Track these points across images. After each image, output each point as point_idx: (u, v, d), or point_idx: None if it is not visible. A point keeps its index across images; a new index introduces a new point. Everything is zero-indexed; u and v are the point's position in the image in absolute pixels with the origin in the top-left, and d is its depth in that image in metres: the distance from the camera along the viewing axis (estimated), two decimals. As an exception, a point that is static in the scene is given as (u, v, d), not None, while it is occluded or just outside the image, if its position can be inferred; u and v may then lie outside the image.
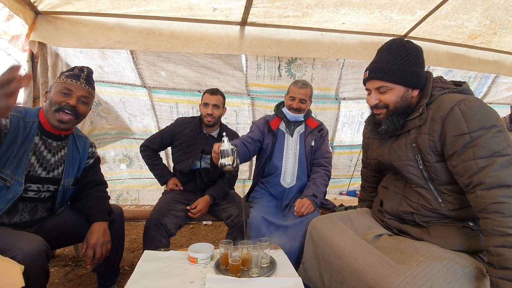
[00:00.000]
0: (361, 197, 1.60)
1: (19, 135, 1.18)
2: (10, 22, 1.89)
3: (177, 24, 2.18)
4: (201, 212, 1.73)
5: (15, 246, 0.99)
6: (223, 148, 1.23)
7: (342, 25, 2.33)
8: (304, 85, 1.78)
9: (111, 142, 2.79)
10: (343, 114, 3.00)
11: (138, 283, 1.03)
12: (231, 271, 1.11)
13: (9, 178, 1.15)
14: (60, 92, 1.24)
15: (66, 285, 1.81)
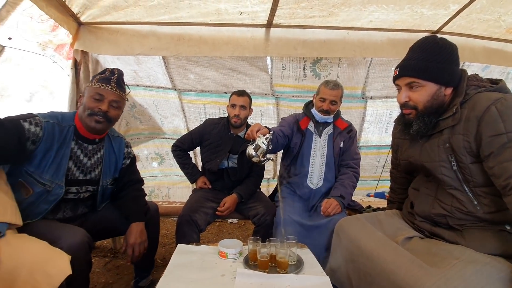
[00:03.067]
0: (390, 198, 1.57)
1: (55, 141, 1.22)
2: (55, 32, 2.07)
3: (206, 29, 2.26)
4: (229, 209, 1.79)
5: (62, 238, 1.09)
6: (260, 144, 1.26)
7: (370, 23, 2.28)
8: (336, 86, 1.75)
9: (144, 142, 2.97)
10: (370, 114, 2.92)
11: (173, 274, 1.11)
12: (259, 266, 1.15)
13: (49, 183, 1.21)
14: (92, 97, 1.26)
15: (105, 275, 1.97)
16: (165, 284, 1.03)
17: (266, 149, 1.28)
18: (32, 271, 0.90)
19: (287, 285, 1.05)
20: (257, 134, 1.32)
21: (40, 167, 1.20)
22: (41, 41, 1.97)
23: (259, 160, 1.29)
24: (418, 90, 1.07)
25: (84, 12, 2.02)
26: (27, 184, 1.19)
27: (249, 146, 1.31)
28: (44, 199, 1.22)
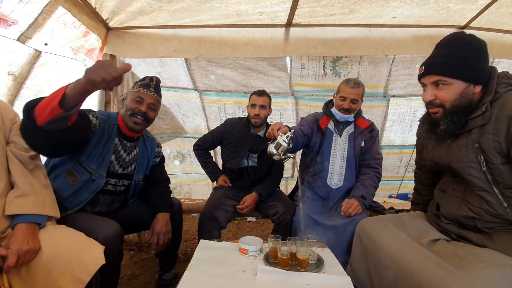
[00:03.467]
0: (414, 200, 1.53)
1: (104, 135, 1.37)
2: (86, 38, 2.19)
3: (226, 30, 2.31)
4: (249, 208, 1.82)
5: (97, 230, 1.17)
6: (281, 142, 1.28)
7: (393, 19, 2.22)
8: (357, 84, 1.71)
9: (167, 141, 3.08)
10: (392, 112, 2.84)
11: (197, 268, 1.15)
12: (280, 264, 1.17)
13: (94, 172, 1.34)
14: (134, 100, 1.42)
15: (132, 267, 2.07)
16: (189, 278, 1.07)
17: (287, 147, 1.30)
18: (69, 260, 0.98)
19: (308, 283, 1.06)
20: (277, 132, 1.34)
21: (90, 157, 1.33)
22: (73, 46, 2.10)
23: (280, 158, 1.31)
24: (445, 88, 1.04)
25: (113, 17, 2.14)
26: (75, 171, 1.32)
27: (270, 145, 1.34)
28: (88, 188, 1.33)
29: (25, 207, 1.01)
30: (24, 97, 1.91)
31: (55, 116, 0.97)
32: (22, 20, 1.63)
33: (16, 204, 1.00)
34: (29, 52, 1.81)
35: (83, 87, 0.92)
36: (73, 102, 0.96)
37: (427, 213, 1.33)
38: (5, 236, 0.99)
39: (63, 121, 1.03)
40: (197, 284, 1.04)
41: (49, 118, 0.97)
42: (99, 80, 0.88)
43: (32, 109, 0.99)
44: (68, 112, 0.98)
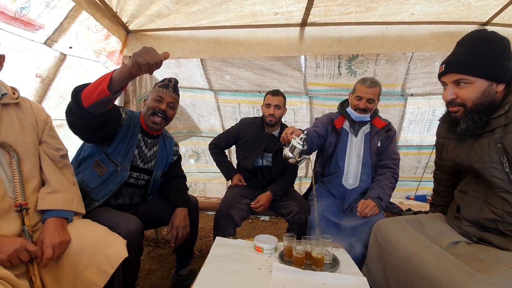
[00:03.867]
0: (433, 201, 1.49)
1: (129, 131, 1.47)
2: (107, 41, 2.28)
3: (241, 31, 2.34)
4: (263, 206, 1.84)
5: (119, 225, 1.23)
6: (295, 145, 1.30)
7: (411, 16, 2.17)
8: (373, 83, 1.68)
9: (183, 140, 3.15)
10: (410, 112, 2.77)
11: (213, 264, 1.18)
12: (295, 262, 1.18)
13: (119, 165, 1.43)
14: (154, 99, 1.50)
15: (149, 262, 2.14)
16: (206, 273, 1.10)
17: (301, 149, 1.31)
18: (95, 252, 1.03)
19: (323, 282, 1.06)
20: (291, 136, 1.35)
21: (116, 149, 1.43)
22: (96, 49, 2.19)
23: (295, 160, 1.32)
24: (466, 87, 1.01)
25: (132, 21, 2.21)
26: (103, 163, 1.41)
27: (285, 149, 1.35)
28: (113, 179, 1.42)
29: (55, 203, 1.08)
30: (51, 98, 2.02)
31: (102, 98, 1.08)
32: (48, 24, 1.72)
33: (47, 200, 1.07)
34: (55, 55, 1.91)
35: (129, 70, 1.02)
36: (119, 85, 1.07)
37: (447, 215, 1.30)
38: (37, 229, 1.06)
39: (106, 104, 1.15)
40: (214, 279, 1.06)
41: (96, 100, 1.08)
42: (144, 63, 0.97)
43: (80, 93, 1.11)
44: (113, 95, 1.09)
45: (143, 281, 1.85)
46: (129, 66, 1.01)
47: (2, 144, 1.01)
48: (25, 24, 1.58)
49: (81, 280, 1.00)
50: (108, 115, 1.24)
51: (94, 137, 1.35)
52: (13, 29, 1.55)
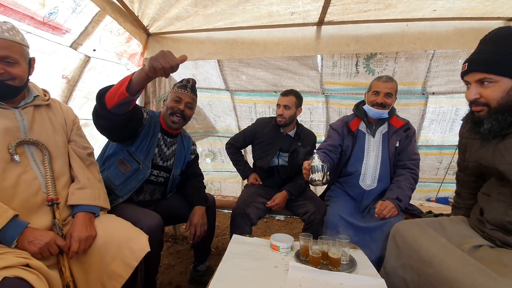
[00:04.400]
0: (455, 204, 1.45)
1: (150, 130, 1.53)
2: (129, 43, 2.38)
3: (257, 31, 2.35)
4: (279, 206, 1.85)
5: (142, 220, 1.28)
6: (314, 164, 1.33)
7: (433, 12, 2.10)
8: (389, 79, 1.69)
9: (199, 140, 3.21)
10: (431, 111, 2.68)
11: (231, 261, 1.21)
12: (311, 262, 1.18)
13: (142, 163, 1.49)
14: (173, 99, 1.56)
15: (168, 257, 2.21)
16: (224, 269, 1.13)
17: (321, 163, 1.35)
18: (120, 246, 1.09)
19: (340, 282, 1.06)
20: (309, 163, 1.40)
21: (138, 148, 1.50)
22: (118, 52, 2.28)
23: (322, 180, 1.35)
24: (490, 86, 0.98)
25: (153, 24, 2.29)
26: (126, 161, 1.49)
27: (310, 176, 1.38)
28: (136, 176, 1.49)
29: (84, 198, 1.15)
30: (76, 98, 2.13)
31: (122, 100, 1.14)
32: (74, 28, 1.82)
33: (77, 196, 1.14)
34: (80, 58, 2.01)
35: (146, 73, 1.07)
36: (137, 87, 1.12)
37: (470, 218, 1.25)
38: (67, 223, 1.12)
39: (127, 105, 1.20)
40: (232, 275, 1.09)
41: (117, 101, 1.14)
42: (160, 67, 1.02)
43: (104, 95, 1.17)
44: (132, 96, 1.14)
45: (162, 276, 1.92)
46: (146, 70, 1.06)
47: (35, 143, 1.08)
48: (53, 29, 1.68)
49: (107, 272, 1.06)
50: (131, 115, 1.29)
51: (119, 136, 1.41)
52: (42, 33, 1.66)
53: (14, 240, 0.93)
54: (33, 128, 1.09)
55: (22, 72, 1.04)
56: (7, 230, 0.91)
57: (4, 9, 1.37)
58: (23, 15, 1.47)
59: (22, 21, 1.49)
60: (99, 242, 1.10)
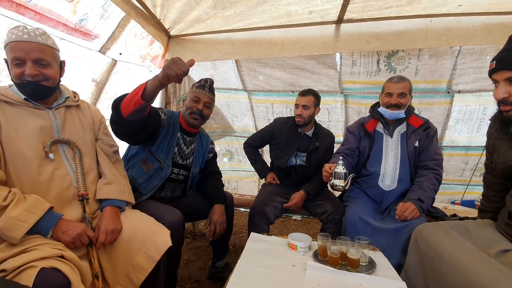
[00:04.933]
0: (482, 207, 1.39)
1: (170, 130, 1.59)
2: (151, 46, 2.47)
3: (275, 31, 2.37)
4: (297, 205, 1.85)
5: (164, 216, 1.34)
6: (338, 171, 1.37)
7: (459, 8, 2.02)
8: (401, 79, 1.67)
9: (217, 139, 3.27)
10: (457, 110, 2.57)
11: (249, 258, 1.23)
12: (330, 262, 1.18)
13: (162, 161, 1.55)
14: (192, 99, 1.61)
15: (187, 253, 2.27)
16: (243, 266, 1.16)
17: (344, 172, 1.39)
18: (144, 240, 1.14)
19: (359, 283, 1.05)
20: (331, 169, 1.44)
21: (159, 148, 1.55)
22: (141, 54, 2.38)
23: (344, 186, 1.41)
24: (521, 84, 0.93)
25: (174, 27, 2.36)
26: (148, 160, 1.55)
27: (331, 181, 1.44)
28: (158, 175, 1.55)
29: (111, 193, 1.22)
30: (104, 100, 2.24)
31: (137, 108, 1.19)
32: (102, 34, 1.92)
33: (104, 191, 1.21)
34: (107, 62, 2.12)
35: (160, 81, 1.12)
36: (151, 95, 1.17)
37: (497, 221, 1.20)
38: (95, 216, 1.20)
39: (142, 112, 1.25)
40: (250, 272, 1.11)
41: (132, 110, 1.19)
42: (173, 75, 1.08)
43: (119, 104, 1.22)
44: (147, 103, 1.19)
45: (182, 270, 1.98)
46: (160, 77, 1.11)
47: (67, 141, 1.16)
48: (83, 34, 1.78)
49: (132, 264, 1.12)
50: (146, 120, 1.33)
51: (137, 141, 1.47)
52: (74, 39, 1.76)
53: (50, 230, 1.01)
54: (65, 127, 1.17)
55: (55, 74, 1.12)
56: (43, 221, 0.99)
57: (40, 17, 1.47)
58: (57, 22, 1.57)
59: (56, 28, 1.59)
60: (125, 236, 1.16)
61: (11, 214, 0.92)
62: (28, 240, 0.95)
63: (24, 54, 1.03)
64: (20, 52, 1.03)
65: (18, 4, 1.36)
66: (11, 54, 1.04)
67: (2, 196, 0.94)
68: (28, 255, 0.89)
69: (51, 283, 0.83)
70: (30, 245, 0.93)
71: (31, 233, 0.97)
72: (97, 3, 1.72)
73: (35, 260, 0.87)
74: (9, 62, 1.07)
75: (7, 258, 0.89)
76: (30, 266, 0.85)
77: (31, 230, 0.96)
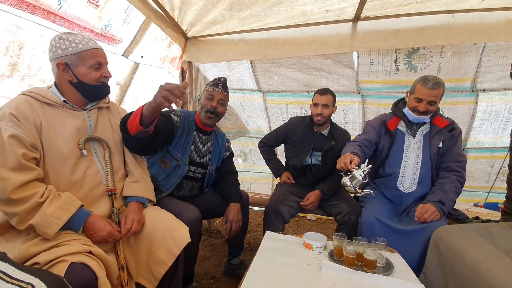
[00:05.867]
0: (506, 209, 1.33)
1: (185, 129, 1.63)
2: (170, 48, 2.54)
3: (290, 31, 2.37)
4: (313, 204, 1.84)
5: (183, 213, 1.38)
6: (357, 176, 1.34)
7: (481, 3, 1.94)
8: (436, 85, 1.52)
9: (232, 140, 3.30)
10: (482, 109, 2.46)
11: (265, 255, 1.25)
12: (346, 262, 1.18)
13: (179, 160, 1.60)
14: (207, 97, 1.65)
15: (204, 250, 2.32)
16: (259, 263, 1.18)
17: (362, 181, 1.34)
18: (164, 235, 1.19)
19: (376, 285, 1.04)
20: (352, 165, 1.38)
21: (176, 147, 1.60)
22: (161, 56, 2.45)
23: (354, 191, 1.36)
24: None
25: (191, 28, 2.42)
26: (166, 159, 1.61)
27: (344, 177, 1.39)
28: (175, 173, 1.60)
29: (137, 191, 1.28)
30: (127, 102, 2.33)
31: (138, 132, 1.20)
32: (125, 38, 2.00)
33: (131, 188, 1.28)
34: (130, 65, 2.21)
35: (153, 107, 1.14)
36: (148, 120, 1.19)
37: (524, 225, 1.15)
38: (121, 211, 1.26)
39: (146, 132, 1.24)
40: (266, 269, 1.13)
41: (135, 132, 1.21)
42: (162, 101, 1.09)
43: (125, 123, 1.23)
44: (146, 128, 1.21)
45: (198, 266, 2.03)
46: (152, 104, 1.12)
47: (98, 139, 1.23)
48: (108, 39, 1.87)
49: (153, 258, 1.17)
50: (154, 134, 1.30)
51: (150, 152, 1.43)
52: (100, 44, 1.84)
53: (81, 227, 1.07)
54: (97, 127, 1.24)
55: None
56: (75, 218, 1.05)
57: (69, 24, 1.56)
58: (85, 28, 1.65)
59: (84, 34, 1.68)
60: (147, 231, 1.21)
61: (46, 211, 0.99)
62: (60, 235, 1.02)
63: (102, 59, 1.19)
64: (101, 58, 1.18)
65: (49, 12, 1.45)
66: (94, 59, 1.15)
67: (40, 193, 1.00)
68: (60, 249, 0.95)
69: (80, 277, 0.89)
70: (61, 240, 1.00)
71: (63, 229, 1.03)
72: (120, 8, 1.80)
73: (66, 254, 0.93)
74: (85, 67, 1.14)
75: (41, 251, 0.96)
76: (61, 260, 0.91)
77: (64, 226, 1.02)
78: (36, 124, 1.07)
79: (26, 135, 1.02)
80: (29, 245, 0.98)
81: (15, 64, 1.48)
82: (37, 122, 1.07)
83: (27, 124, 1.04)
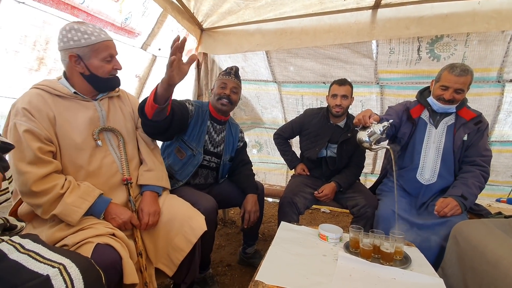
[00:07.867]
0: (532, 205, 1.28)
1: (199, 119, 1.65)
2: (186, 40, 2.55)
3: (307, 20, 2.31)
4: (327, 196, 1.83)
5: (199, 202, 1.41)
6: (375, 131, 1.27)
7: (514, -13, 1.81)
8: (464, 72, 1.45)
9: (247, 130, 3.32)
10: (509, 101, 2.32)
11: (280, 245, 1.26)
12: (362, 254, 1.17)
13: (194, 149, 1.63)
14: (219, 86, 1.67)
15: (219, 238, 2.38)
16: (274, 252, 1.19)
17: (380, 136, 1.27)
18: (182, 224, 1.23)
19: (393, 277, 1.03)
20: (370, 120, 1.31)
21: (191, 136, 1.64)
22: (177, 48, 2.47)
23: (370, 146, 1.28)
24: None
25: (206, 20, 2.41)
26: (182, 149, 1.64)
27: (360, 132, 1.31)
28: (191, 162, 1.64)
29: (151, 179, 1.31)
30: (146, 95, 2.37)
31: (155, 111, 1.21)
32: (144, 31, 2.03)
33: (145, 177, 1.31)
34: (148, 58, 2.24)
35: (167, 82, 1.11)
36: (163, 96, 1.17)
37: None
38: (136, 200, 1.30)
39: (163, 112, 1.24)
40: (282, 258, 1.14)
41: (152, 112, 1.22)
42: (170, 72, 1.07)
43: (143, 108, 1.25)
44: (162, 105, 1.20)
45: (214, 254, 2.08)
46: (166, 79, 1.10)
47: (112, 129, 1.25)
48: (128, 33, 1.90)
49: (172, 245, 1.21)
50: (171, 117, 1.33)
51: (169, 136, 1.48)
52: (120, 37, 1.88)
53: (102, 213, 1.12)
54: (109, 117, 1.25)
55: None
56: (96, 206, 1.10)
57: (92, 18, 1.60)
58: (106, 22, 1.69)
59: (105, 28, 1.72)
60: (165, 219, 1.25)
61: (67, 200, 1.04)
62: (85, 220, 1.07)
63: (114, 51, 1.18)
64: (112, 50, 1.17)
65: (73, 7, 1.49)
66: (106, 51, 1.14)
67: (60, 185, 1.05)
68: (86, 232, 1.01)
69: (105, 257, 0.94)
70: (86, 224, 1.05)
71: (86, 215, 1.08)
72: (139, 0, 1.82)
73: (91, 236, 0.98)
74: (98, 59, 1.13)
75: (68, 235, 1.01)
76: (87, 241, 0.96)
77: (86, 213, 1.07)
78: (50, 117, 1.08)
79: (40, 129, 1.04)
80: (56, 230, 1.04)
81: (42, 58, 1.54)
82: (50, 115, 1.08)
83: (41, 117, 1.05)
